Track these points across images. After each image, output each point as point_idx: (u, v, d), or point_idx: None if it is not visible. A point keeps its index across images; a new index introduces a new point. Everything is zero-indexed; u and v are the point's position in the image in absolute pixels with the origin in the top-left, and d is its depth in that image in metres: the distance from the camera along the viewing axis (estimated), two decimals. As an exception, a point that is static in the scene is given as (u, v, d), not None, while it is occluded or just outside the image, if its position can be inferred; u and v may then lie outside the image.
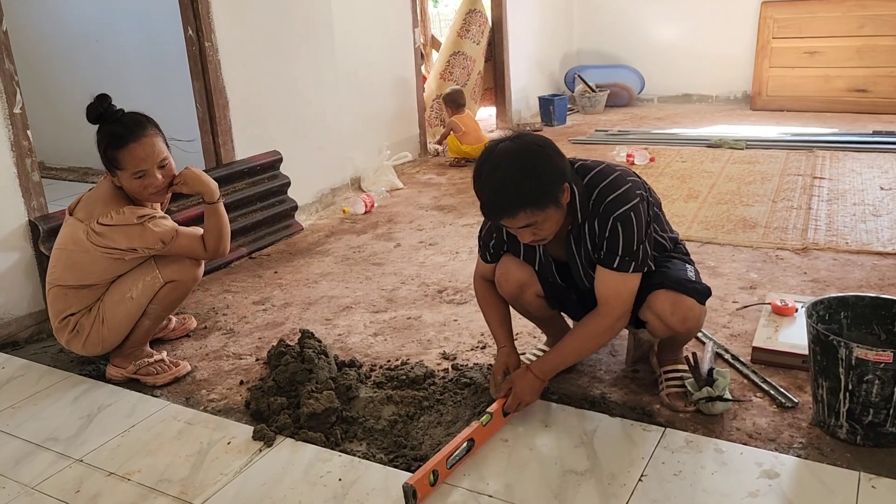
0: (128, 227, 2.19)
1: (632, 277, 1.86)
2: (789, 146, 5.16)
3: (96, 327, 2.29)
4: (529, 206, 1.73)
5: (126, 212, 2.20)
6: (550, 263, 2.03)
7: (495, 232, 2.04)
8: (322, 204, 4.24)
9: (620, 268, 1.84)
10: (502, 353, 2.10)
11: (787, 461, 1.78)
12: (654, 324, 1.95)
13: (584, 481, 1.75)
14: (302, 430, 1.99)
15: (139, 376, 2.34)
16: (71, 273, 2.27)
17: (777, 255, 3.15)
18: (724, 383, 1.99)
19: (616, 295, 1.87)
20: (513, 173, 1.72)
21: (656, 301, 1.91)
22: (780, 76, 6.65)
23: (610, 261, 1.85)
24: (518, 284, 2.06)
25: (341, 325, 2.71)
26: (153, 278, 2.30)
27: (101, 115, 2.20)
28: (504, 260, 2.08)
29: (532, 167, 1.73)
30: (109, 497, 1.80)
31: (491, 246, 2.07)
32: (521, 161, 1.73)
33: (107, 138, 2.18)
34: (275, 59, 3.82)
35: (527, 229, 1.79)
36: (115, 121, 2.19)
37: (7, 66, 2.58)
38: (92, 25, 4.96)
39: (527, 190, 1.72)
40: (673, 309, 1.90)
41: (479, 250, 2.13)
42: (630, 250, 1.83)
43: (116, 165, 2.18)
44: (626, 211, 1.82)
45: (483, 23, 6.32)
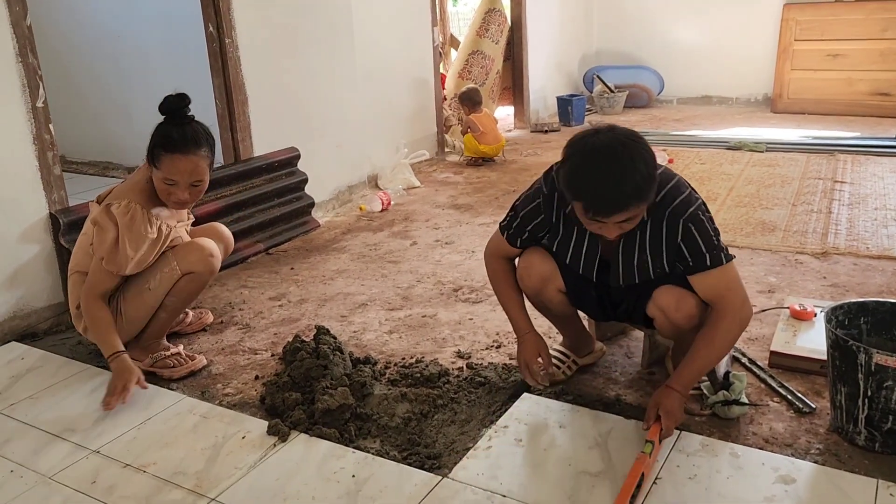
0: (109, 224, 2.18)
1: (730, 267, 1.84)
2: (810, 149, 5.11)
3: (115, 319, 2.30)
4: (641, 199, 1.70)
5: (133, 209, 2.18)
6: (595, 258, 1.96)
7: (543, 216, 1.96)
8: (339, 201, 4.25)
9: (714, 263, 1.82)
10: (529, 339, 2.08)
11: (803, 467, 1.76)
12: (660, 321, 1.94)
13: (598, 483, 1.74)
14: (316, 425, 2.00)
15: (156, 369, 2.35)
16: (89, 259, 2.28)
17: (796, 259, 3.12)
18: (740, 387, 1.97)
19: (728, 287, 1.84)
20: (629, 166, 1.66)
21: (661, 296, 1.91)
22: (802, 79, 6.59)
23: (702, 262, 1.83)
24: (541, 278, 2.03)
25: (357, 322, 2.72)
26: (171, 270, 2.31)
27: (172, 111, 2.21)
28: (527, 254, 2.05)
29: (642, 160, 1.69)
30: (125, 488, 1.81)
31: (528, 230, 2.00)
32: (633, 153, 1.68)
33: (161, 137, 2.18)
34: (294, 57, 3.84)
35: (622, 224, 1.74)
36: (180, 124, 2.20)
37: (31, 60, 2.61)
38: (113, 21, 5.00)
39: (641, 183, 1.68)
40: (677, 305, 1.89)
41: (509, 232, 2.04)
42: (712, 244, 1.82)
43: (155, 164, 2.19)
44: (693, 211, 1.82)
45: (502, 22, 6.31)
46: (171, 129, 2.18)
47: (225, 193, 3.42)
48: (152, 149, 2.18)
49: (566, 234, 1.97)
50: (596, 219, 1.72)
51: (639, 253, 1.89)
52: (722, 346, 1.87)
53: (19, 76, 2.59)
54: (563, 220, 1.95)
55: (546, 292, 2.06)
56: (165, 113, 2.22)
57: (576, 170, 1.72)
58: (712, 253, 1.82)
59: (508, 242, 2.06)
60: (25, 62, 2.59)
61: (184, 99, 2.23)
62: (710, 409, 1.98)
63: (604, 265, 1.97)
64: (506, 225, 2.05)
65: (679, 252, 1.85)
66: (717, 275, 1.83)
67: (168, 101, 2.22)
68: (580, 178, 1.71)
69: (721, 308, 1.84)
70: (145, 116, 5.56)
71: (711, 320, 1.86)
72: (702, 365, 1.87)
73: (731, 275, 1.85)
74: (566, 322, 2.23)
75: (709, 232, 1.83)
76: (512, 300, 2.11)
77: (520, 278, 2.07)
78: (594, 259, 1.96)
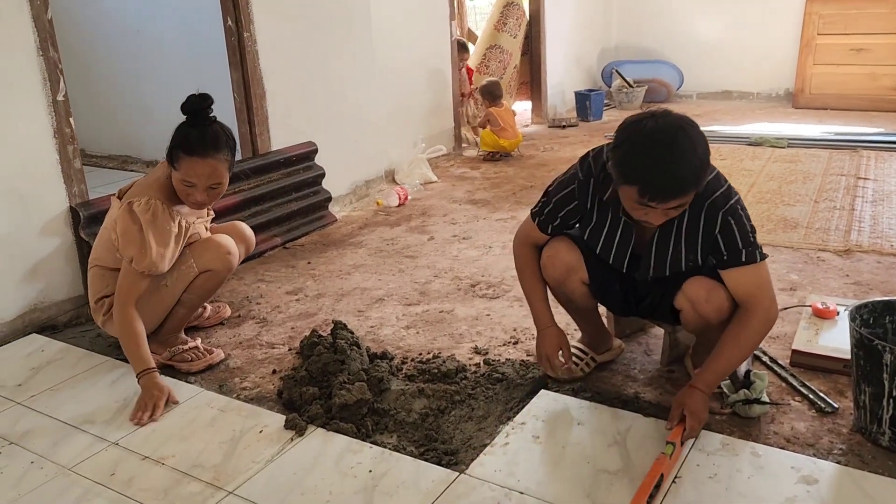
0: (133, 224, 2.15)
1: (763, 265, 1.82)
2: (832, 145, 5.04)
3: None
4: (697, 186, 1.69)
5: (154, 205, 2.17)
6: (627, 249, 1.94)
7: (577, 202, 1.93)
8: (356, 196, 4.25)
9: (749, 260, 1.80)
10: (550, 333, 2.07)
11: (826, 467, 1.73)
12: (688, 313, 1.92)
13: (616, 481, 1.73)
14: (333, 420, 2.00)
15: (174, 363, 2.36)
16: (109, 254, 2.28)
17: (818, 257, 3.08)
18: (761, 386, 1.95)
19: (759, 286, 1.82)
20: (690, 151, 1.63)
21: (692, 287, 1.88)
22: (825, 73, 6.50)
23: (737, 258, 1.81)
24: (566, 268, 2.01)
25: (374, 317, 2.71)
26: (188, 267, 2.32)
27: (194, 111, 2.19)
28: (553, 243, 2.03)
29: (701, 145, 1.66)
30: (144, 480, 1.82)
31: (560, 216, 1.97)
32: (692, 138, 1.65)
33: (181, 138, 2.16)
34: (312, 51, 3.83)
35: (671, 210, 1.71)
36: (201, 125, 2.18)
37: (52, 53, 2.62)
38: (133, 15, 5.03)
39: (699, 170, 1.66)
40: (708, 297, 1.86)
41: (540, 218, 2.01)
42: (748, 241, 1.80)
43: (174, 165, 2.17)
44: (733, 205, 1.79)
45: (520, 16, 6.27)
46: (191, 131, 2.16)
47: (243, 187, 3.43)
48: (172, 149, 2.17)
49: (599, 222, 1.95)
50: (649, 204, 1.68)
51: (674, 244, 1.87)
52: (748, 345, 1.84)
53: (40, 70, 2.60)
54: (597, 206, 1.93)
55: (569, 283, 2.04)
56: (187, 113, 2.19)
57: (632, 153, 1.67)
58: (748, 249, 1.80)
59: (539, 229, 2.03)
60: (46, 56, 2.61)
61: (206, 99, 2.20)
62: (731, 407, 1.96)
63: (633, 258, 1.95)
64: (537, 211, 2.03)
65: (715, 245, 1.82)
66: (750, 272, 1.81)
67: (190, 101, 2.19)
68: (637, 162, 1.66)
69: (750, 307, 1.82)
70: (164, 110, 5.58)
71: (740, 319, 1.83)
72: (727, 364, 1.85)
73: (764, 273, 1.83)
74: (586, 316, 2.21)
75: (746, 227, 1.81)
76: (536, 292, 2.09)
77: (543, 267, 2.05)
78: (626, 250, 1.94)
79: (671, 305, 1.97)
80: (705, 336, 2.03)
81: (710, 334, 1.99)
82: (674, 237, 1.87)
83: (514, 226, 3.66)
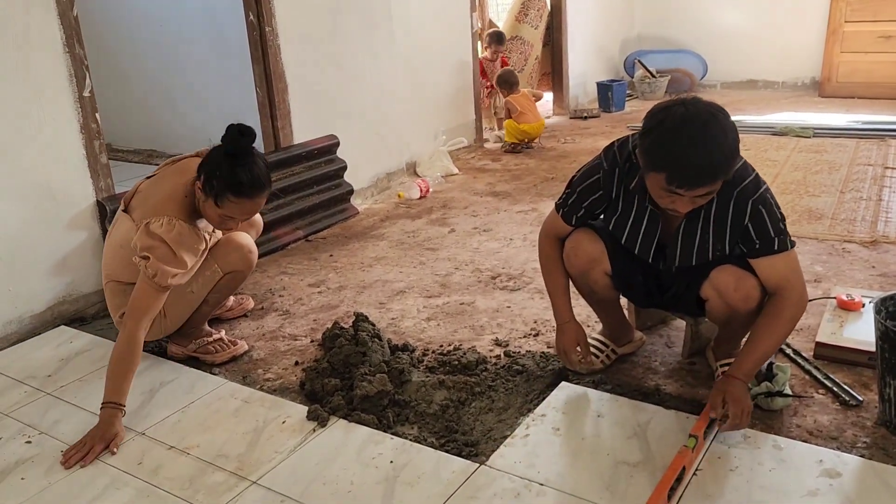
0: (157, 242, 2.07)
1: (793, 252, 1.82)
2: (859, 135, 4.96)
3: (158, 320, 2.27)
4: (727, 174, 1.68)
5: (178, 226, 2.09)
6: (653, 238, 1.93)
7: (602, 191, 1.93)
8: (377, 188, 4.27)
9: (781, 248, 1.80)
10: (570, 328, 2.08)
11: (849, 461, 1.72)
12: (714, 302, 1.91)
13: (636, 473, 1.73)
14: (355, 411, 2.02)
15: (198, 354, 2.40)
16: (124, 269, 2.24)
17: (844, 248, 3.04)
18: (784, 378, 1.93)
19: (792, 272, 1.82)
20: (720, 138, 1.63)
21: (720, 276, 1.87)
22: (852, 62, 6.39)
23: (769, 246, 1.80)
24: (589, 259, 2.01)
25: (395, 309, 2.73)
26: (213, 272, 2.32)
27: (240, 153, 2.08)
28: (576, 234, 2.03)
29: (731, 132, 1.66)
30: (170, 469, 1.86)
31: (585, 206, 1.97)
32: (723, 125, 1.64)
33: (231, 181, 2.05)
34: (334, 44, 3.85)
35: (698, 198, 1.71)
36: (249, 165, 2.07)
37: (77, 50, 2.66)
38: (157, 10, 5.08)
39: (729, 157, 1.66)
40: (737, 285, 1.85)
41: (564, 209, 2.02)
42: (779, 228, 1.80)
43: (218, 202, 2.08)
44: (763, 193, 1.79)
45: (542, 7, 6.25)
46: (241, 173, 2.06)
47: (265, 181, 3.45)
48: (219, 190, 2.07)
49: (625, 211, 1.94)
50: (677, 191, 1.67)
51: (701, 233, 1.86)
52: (783, 332, 1.84)
53: (66, 66, 2.64)
54: (623, 195, 1.93)
55: (592, 274, 2.03)
56: (233, 153, 2.07)
57: (662, 139, 1.66)
58: (780, 237, 1.80)
59: (563, 220, 2.04)
60: (72, 52, 2.65)
61: (250, 136, 2.07)
62: (753, 400, 1.94)
63: (659, 248, 1.94)
64: (561, 203, 2.03)
65: (745, 234, 1.81)
66: (782, 259, 1.81)
67: (233, 140, 2.06)
68: (667, 148, 1.65)
69: (784, 295, 1.81)
70: (188, 104, 5.65)
71: (774, 306, 1.83)
72: (763, 353, 1.84)
73: (795, 260, 1.83)
74: (608, 308, 2.20)
75: (776, 215, 1.80)
76: (558, 286, 2.09)
77: (566, 257, 2.05)
78: (652, 239, 1.93)
79: (696, 296, 1.96)
80: (728, 327, 2.02)
81: (733, 325, 1.98)
82: (701, 226, 1.86)
83: (536, 218, 3.66)
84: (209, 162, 2.11)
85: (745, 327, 1.96)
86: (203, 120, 4.98)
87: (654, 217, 1.90)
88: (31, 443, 2.00)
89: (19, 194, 2.57)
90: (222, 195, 2.08)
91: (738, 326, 2.00)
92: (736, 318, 1.93)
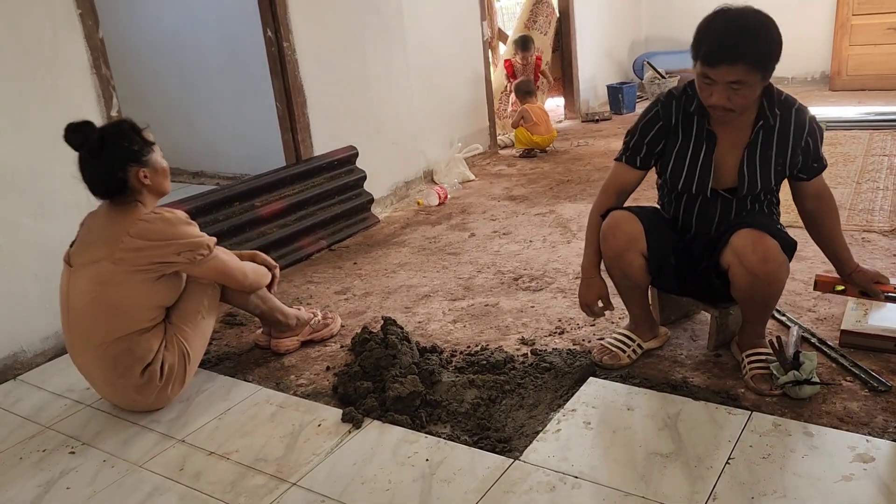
0: (171, 224, 2.07)
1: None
2: (873, 126, 4.96)
3: (183, 363, 2.18)
4: (754, 60, 1.83)
5: (159, 211, 2.10)
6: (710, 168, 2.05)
7: (661, 122, 2.08)
8: (397, 196, 4.32)
9: (822, 168, 2.09)
10: (595, 282, 2.19)
11: (882, 445, 1.74)
12: (735, 270, 1.96)
13: (669, 463, 1.75)
14: (388, 412, 2.06)
15: (314, 336, 2.58)
16: (121, 319, 2.06)
17: (864, 238, 3.05)
18: (811, 366, 1.95)
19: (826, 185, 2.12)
20: (755, 25, 1.83)
21: (738, 238, 1.95)
22: (862, 54, 6.38)
23: (821, 165, 2.08)
24: (627, 238, 2.07)
25: (421, 312, 2.77)
26: (213, 290, 2.28)
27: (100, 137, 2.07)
28: (615, 214, 2.11)
29: (769, 30, 1.85)
30: (211, 474, 1.90)
31: (646, 143, 2.11)
32: (764, 21, 1.85)
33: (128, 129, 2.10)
34: (349, 57, 3.91)
35: (731, 87, 1.85)
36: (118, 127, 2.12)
37: (104, 71, 2.73)
38: (175, 31, 5.16)
39: (759, 45, 1.84)
40: (754, 247, 1.91)
41: (627, 154, 2.15)
42: (819, 153, 2.06)
43: (150, 142, 2.12)
44: (812, 115, 2.04)
45: (550, 13, 6.29)
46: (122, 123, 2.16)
47: (288, 193, 3.52)
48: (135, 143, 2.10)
49: (685, 138, 2.07)
50: (708, 75, 1.85)
51: (762, 150, 2.01)
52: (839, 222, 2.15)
53: (94, 87, 2.71)
54: (682, 120, 2.06)
55: (628, 254, 2.09)
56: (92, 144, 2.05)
57: (707, 20, 1.89)
58: (822, 161, 2.08)
59: (628, 164, 2.15)
60: (99, 73, 2.72)
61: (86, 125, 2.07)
62: (781, 389, 1.97)
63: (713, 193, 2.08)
64: (623, 150, 2.17)
65: (806, 148, 2.02)
66: (822, 178, 2.10)
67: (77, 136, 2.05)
68: (708, 25, 1.87)
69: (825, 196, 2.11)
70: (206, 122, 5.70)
71: (826, 206, 2.11)
72: (844, 241, 2.15)
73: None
74: (636, 297, 2.23)
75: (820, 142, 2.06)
76: (594, 242, 2.17)
77: (604, 237, 2.11)
78: (709, 170, 2.05)
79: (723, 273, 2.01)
80: (752, 304, 2.04)
81: (756, 301, 2.01)
82: (761, 146, 2.01)
83: (554, 220, 3.70)
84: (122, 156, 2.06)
85: (767, 306, 2.03)
86: (219, 136, 5.07)
87: (712, 137, 2.03)
88: (74, 453, 2.06)
89: (53, 213, 2.64)
90: (148, 148, 2.12)
91: (760, 303, 2.02)
92: (758, 288, 1.95)
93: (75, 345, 2.15)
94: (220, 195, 3.28)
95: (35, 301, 2.61)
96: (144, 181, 2.11)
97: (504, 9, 9.40)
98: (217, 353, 2.58)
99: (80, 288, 2.07)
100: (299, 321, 2.54)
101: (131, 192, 2.11)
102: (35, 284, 2.61)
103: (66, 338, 2.18)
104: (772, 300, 2.02)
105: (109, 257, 2.03)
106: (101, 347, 2.08)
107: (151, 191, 2.15)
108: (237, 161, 4.98)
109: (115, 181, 2.08)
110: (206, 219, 3.13)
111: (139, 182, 2.10)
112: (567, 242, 3.36)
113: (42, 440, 2.14)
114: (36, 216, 2.59)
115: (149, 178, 2.12)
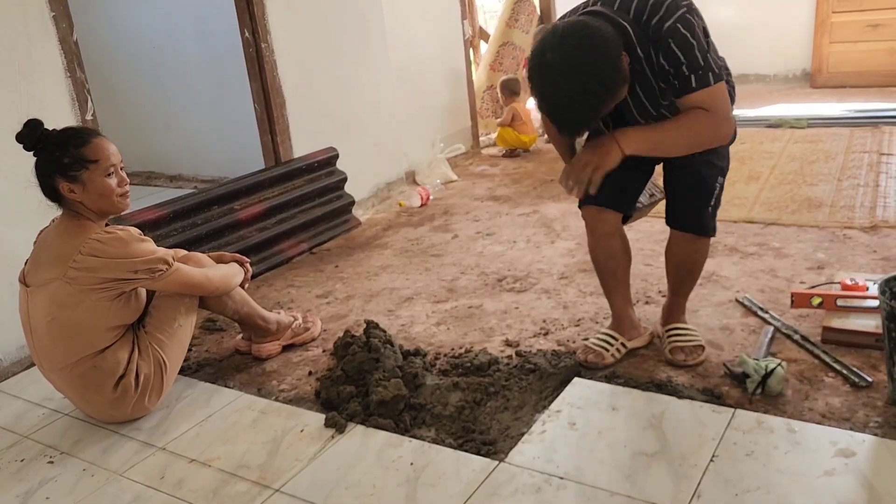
0: (125, 244, 2.00)
1: (718, 87, 1.76)
2: (853, 123, 5.00)
3: (159, 373, 2.14)
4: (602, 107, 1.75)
5: (112, 230, 2.02)
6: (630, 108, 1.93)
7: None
8: (378, 198, 4.30)
9: (700, 84, 1.75)
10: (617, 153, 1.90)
11: (863, 440, 1.74)
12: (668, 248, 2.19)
13: (654, 462, 1.75)
14: (372, 417, 2.04)
15: (296, 339, 2.55)
16: (80, 340, 2.02)
17: (845, 234, 3.07)
18: (751, 363, 1.98)
19: (710, 98, 1.77)
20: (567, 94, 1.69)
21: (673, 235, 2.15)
22: (842, 52, 6.43)
23: (687, 85, 1.75)
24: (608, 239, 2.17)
25: (404, 315, 2.75)
26: (190, 297, 2.25)
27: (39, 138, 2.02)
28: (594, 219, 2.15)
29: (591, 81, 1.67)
30: (193, 482, 1.87)
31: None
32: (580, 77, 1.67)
33: (67, 140, 1.99)
34: (328, 58, 3.89)
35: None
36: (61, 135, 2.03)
37: (79, 74, 2.69)
38: (151, 33, 5.12)
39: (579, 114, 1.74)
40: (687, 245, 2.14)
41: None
42: (697, 63, 1.73)
43: (86, 160, 1.98)
44: (672, 24, 1.72)
45: (531, 12, 6.29)
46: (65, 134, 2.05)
47: (267, 196, 3.49)
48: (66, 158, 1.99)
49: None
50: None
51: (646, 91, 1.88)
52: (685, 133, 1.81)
53: (68, 90, 2.67)
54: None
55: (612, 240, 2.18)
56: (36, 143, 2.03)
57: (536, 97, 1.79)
58: (697, 73, 1.73)
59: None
60: (73, 77, 2.68)
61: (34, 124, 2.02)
62: (757, 394, 1.96)
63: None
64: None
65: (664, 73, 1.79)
66: (702, 96, 1.77)
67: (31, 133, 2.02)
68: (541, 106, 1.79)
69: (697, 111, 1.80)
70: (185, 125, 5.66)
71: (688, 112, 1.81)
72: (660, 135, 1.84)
73: (720, 94, 1.79)
74: (618, 284, 2.25)
75: (692, 47, 1.72)
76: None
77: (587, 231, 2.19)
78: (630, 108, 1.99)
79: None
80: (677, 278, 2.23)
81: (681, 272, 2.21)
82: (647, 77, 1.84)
83: (537, 220, 3.69)
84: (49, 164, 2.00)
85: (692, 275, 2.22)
86: (196, 139, 5.02)
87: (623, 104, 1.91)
88: (53, 462, 2.03)
89: (27, 220, 2.59)
90: (78, 154, 1.98)
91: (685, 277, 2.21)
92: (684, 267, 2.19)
93: (43, 365, 2.13)
94: (199, 199, 3.24)
95: (10, 309, 2.55)
96: (71, 196, 2.01)
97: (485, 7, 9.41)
98: (197, 360, 2.55)
99: (39, 309, 2.03)
100: (280, 325, 2.51)
101: (71, 204, 2.03)
102: (10, 292, 2.55)
103: (34, 358, 2.16)
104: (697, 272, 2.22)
105: (63, 276, 1.97)
106: (66, 370, 2.06)
107: (88, 208, 2.03)
108: (216, 164, 4.93)
109: (48, 188, 2.03)
110: (184, 223, 3.10)
111: (70, 195, 2.01)
112: (551, 242, 3.35)
113: (20, 450, 2.11)
114: (10, 223, 2.55)
115: (76, 195, 2.00)
